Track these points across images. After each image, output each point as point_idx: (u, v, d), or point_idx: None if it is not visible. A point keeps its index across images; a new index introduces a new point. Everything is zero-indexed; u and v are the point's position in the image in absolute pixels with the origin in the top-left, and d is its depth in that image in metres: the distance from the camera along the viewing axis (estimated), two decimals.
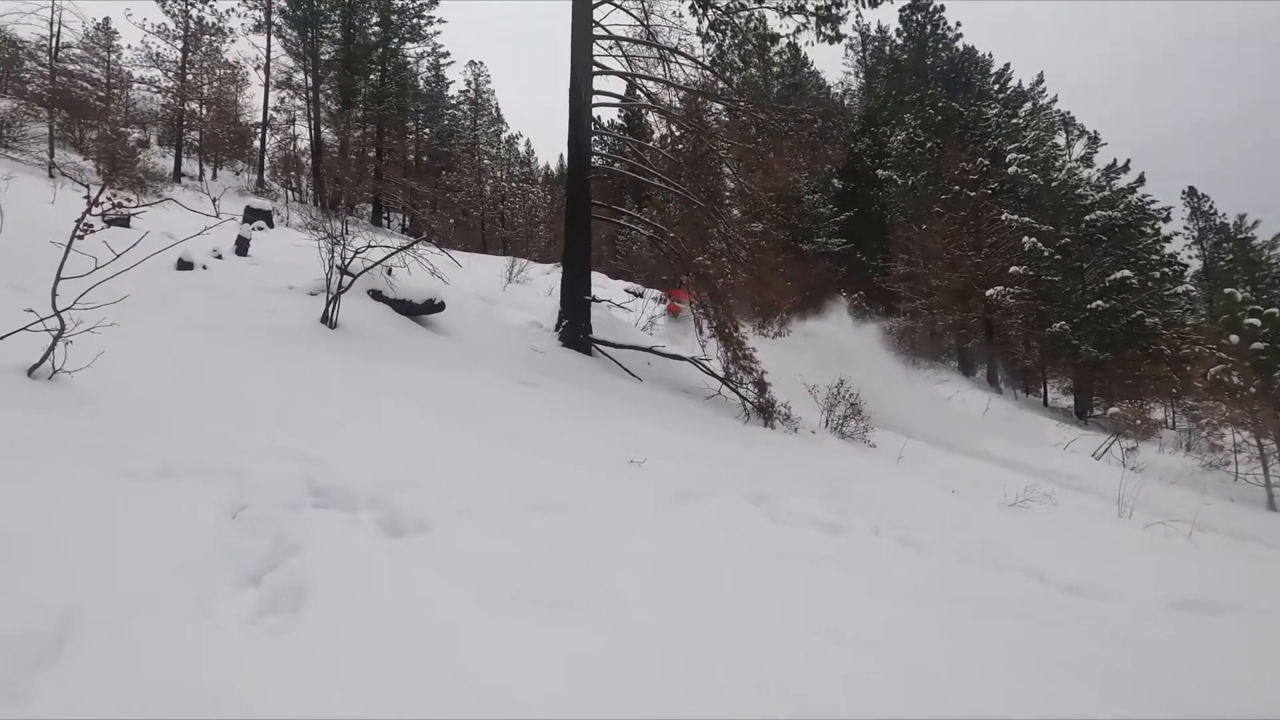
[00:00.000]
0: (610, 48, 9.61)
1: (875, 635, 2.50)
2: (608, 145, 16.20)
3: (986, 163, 24.21)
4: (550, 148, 55.39)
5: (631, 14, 9.68)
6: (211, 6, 29.21)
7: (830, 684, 2.05)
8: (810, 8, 8.74)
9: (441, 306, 7.61)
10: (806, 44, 9.01)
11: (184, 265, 6.90)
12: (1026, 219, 22.49)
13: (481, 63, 42.93)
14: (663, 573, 2.65)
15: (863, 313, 29.22)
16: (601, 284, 16.73)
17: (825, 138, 9.62)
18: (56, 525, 1.91)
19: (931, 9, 34.84)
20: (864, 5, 8.84)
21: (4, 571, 1.65)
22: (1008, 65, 33.33)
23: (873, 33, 40.85)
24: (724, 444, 6.32)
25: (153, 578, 1.82)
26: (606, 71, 9.44)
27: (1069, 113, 31.06)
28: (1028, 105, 29.83)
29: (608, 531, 2.92)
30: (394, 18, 35.64)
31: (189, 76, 28.38)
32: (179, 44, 28.25)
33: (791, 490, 4.70)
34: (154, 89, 28.47)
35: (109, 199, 3.06)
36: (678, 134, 11.54)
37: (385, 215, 36.20)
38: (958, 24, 34.26)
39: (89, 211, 2.91)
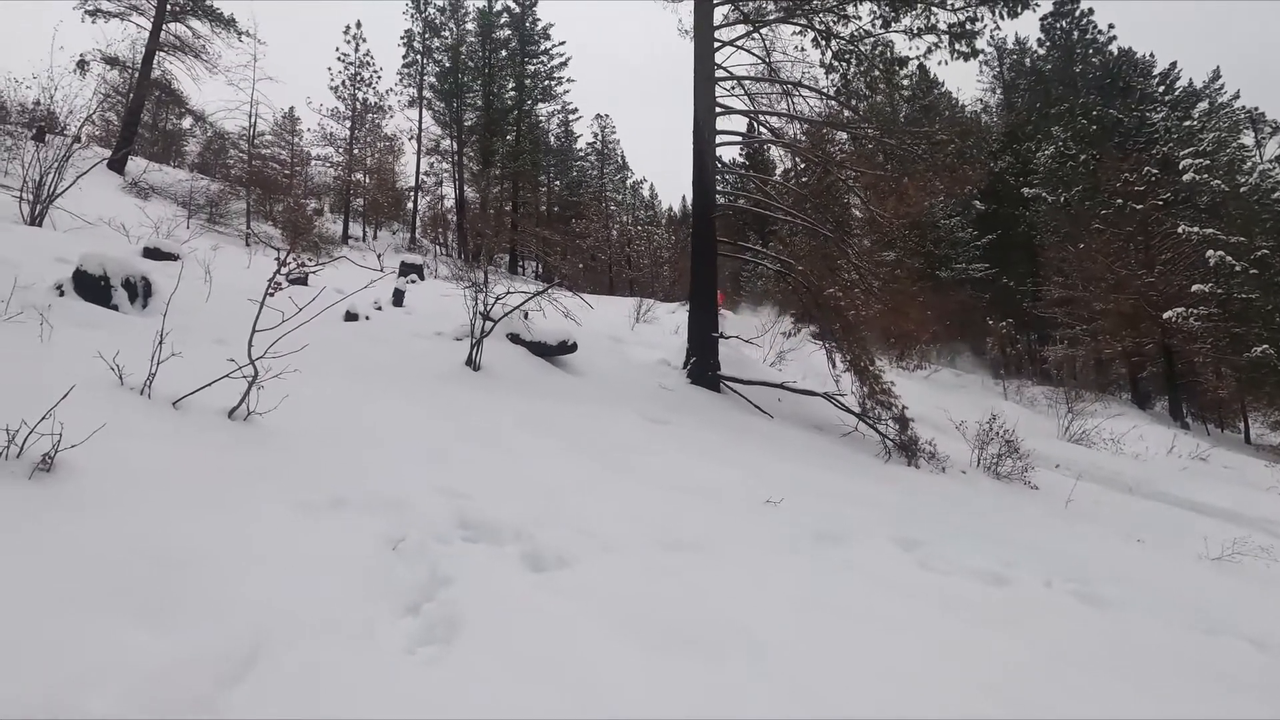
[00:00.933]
0: (732, 88, 9.72)
1: (1048, 699, 2.21)
2: (729, 183, 16.29)
3: (1155, 171, 21.70)
4: (673, 188, 56.88)
5: (753, 53, 9.77)
6: (374, 89, 33.09)
7: None
8: (942, 26, 8.38)
9: (574, 347, 7.87)
10: (940, 63, 8.63)
11: (350, 317, 7.65)
12: (1210, 230, 19.82)
13: (607, 115, 45.10)
14: (800, 615, 2.51)
15: (1012, 341, 26.90)
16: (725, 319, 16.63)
17: (964, 158, 9.04)
18: (249, 552, 2.12)
19: (1077, 14, 32.35)
20: (1002, 16, 8.33)
21: (204, 593, 1.85)
22: (1174, 64, 30.08)
23: (1010, 45, 38.50)
24: (864, 483, 5.96)
25: (327, 603, 1.97)
26: (729, 111, 9.54)
27: (1257, 109, 27.37)
28: (1202, 105, 26.63)
29: (744, 572, 2.81)
30: (527, 82, 38.53)
31: (355, 151, 32.08)
32: (348, 124, 32.12)
33: (944, 534, 4.33)
34: (327, 164, 32.48)
35: (294, 259, 3.46)
36: (802, 166, 11.39)
37: (520, 264, 38.52)
38: (1110, 26, 31.52)
39: (278, 272, 3.31)
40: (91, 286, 5.09)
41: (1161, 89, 29.91)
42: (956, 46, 8.53)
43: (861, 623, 2.53)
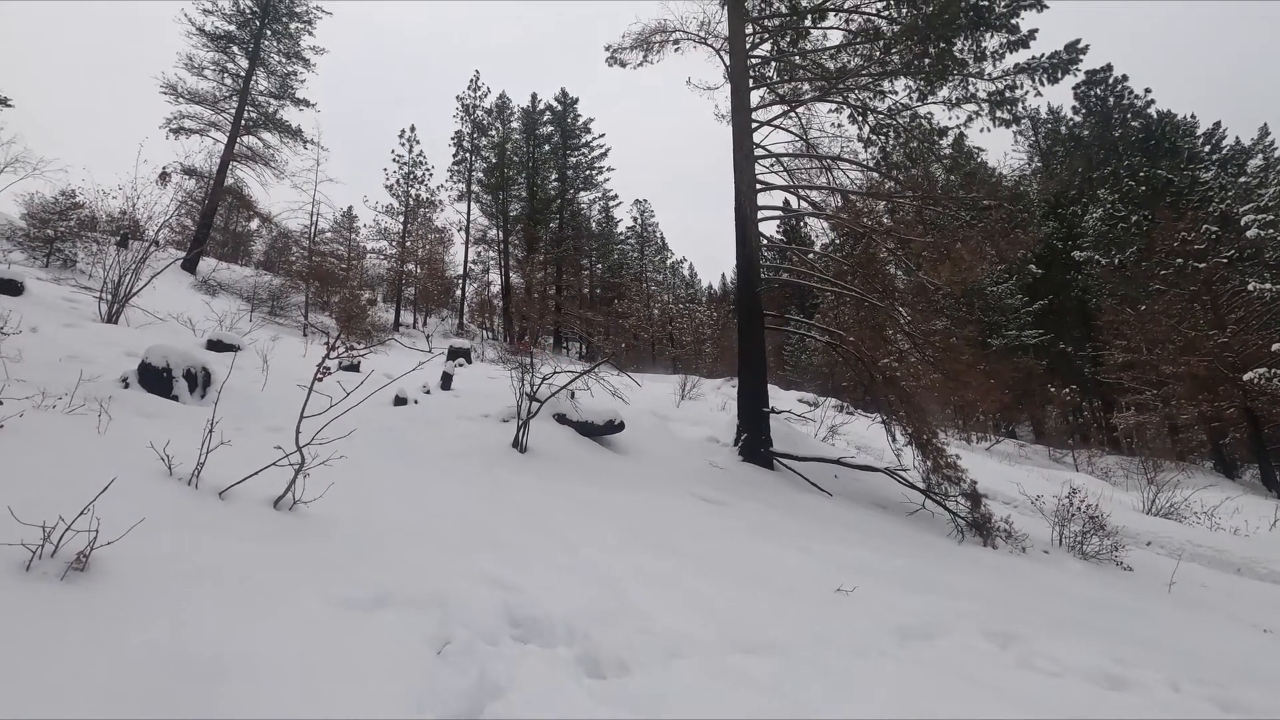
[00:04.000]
0: (771, 165, 9.85)
1: None
2: (768, 258, 16.39)
3: (1215, 229, 20.98)
4: (712, 265, 57.83)
5: (790, 131, 9.94)
6: (426, 185, 35.11)
7: None
8: (981, 94, 8.39)
9: (621, 426, 7.70)
10: (981, 130, 8.59)
11: (400, 401, 7.69)
12: None
13: (646, 200, 46.85)
14: None
15: (1077, 408, 25.59)
16: (774, 395, 16.35)
17: (1014, 222, 8.82)
18: (288, 658, 1.94)
19: (1110, 80, 32.55)
20: (1042, 83, 8.31)
21: (238, 708, 1.67)
22: (1218, 124, 29.79)
23: (1043, 115, 38.77)
24: (940, 568, 5.48)
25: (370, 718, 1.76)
26: (769, 187, 9.63)
27: None
28: (1255, 161, 26.00)
29: (830, 680, 2.48)
30: (569, 173, 40.43)
31: (408, 243, 33.71)
32: (401, 218, 33.94)
33: (1040, 626, 3.86)
34: (381, 256, 34.14)
35: (343, 344, 3.45)
36: (839, 240, 11.34)
37: (565, 345, 39.14)
38: (1147, 90, 31.53)
39: (327, 357, 3.28)
40: (155, 378, 5.21)
41: (1208, 148, 29.46)
42: (998, 114, 8.51)
43: None
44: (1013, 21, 8.28)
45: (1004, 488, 11.35)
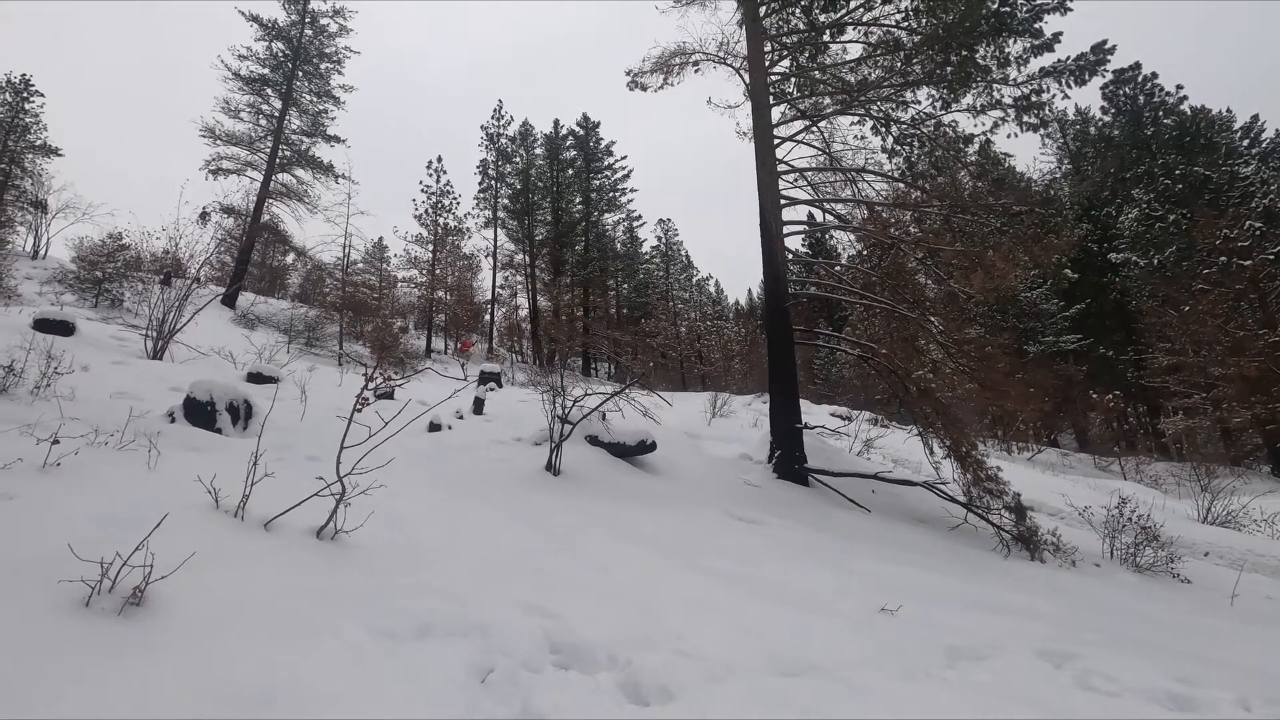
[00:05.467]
0: (795, 180, 9.83)
1: None
2: (793, 273, 16.30)
3: (1259, 225, 20.33)
4: (738, 281, 57.67)
5: (813, 145, 9.92)
6: (453, 214, 35.83)
7: None
8: (1007, 100, 8.28)
9: (653, 446, 7.68)
10: (1009, 136, 8.46)
11: (434, 427, 7.79)
12: None
13: (670, 219, 47.01)
14: None
15: (1121, 414, 24.79)
16: (806, 410, 16.17)
17: (1047, 227, 8.66)
18: (333, 690, 1.96)
19: (1140, 79, 31.91)
20: (1069, 85, 8.17)
21: None
22: (1255, 117, 28.91)
23: (1071, 117, 38.10)
24: (987, 584, 5.33)
25: None
26: (793, 202, 9.61)
27: None
28: None
29: (878, 703, 2.42)
30: (593, 195, 40.90)
31: (437, 271, 34.35)
32: (430, 247, 34.63)
33: (1095, 644, 3.72)
34: (412, 285, 34.84)
35: (381, 375, 3.52)
36: (866, 251, 11.24)
37: (593, 366, 39.30)
38: (1178, 87, 30.81)
39: (365, 388, 3.36)
40: (199, 412, 5.36)
41: (1246, 142, 28.63)
42: (1024, 118, 8.38)
43: None
44: (1035, 26, 8.18)
45: (1049, 499, 11.02)
